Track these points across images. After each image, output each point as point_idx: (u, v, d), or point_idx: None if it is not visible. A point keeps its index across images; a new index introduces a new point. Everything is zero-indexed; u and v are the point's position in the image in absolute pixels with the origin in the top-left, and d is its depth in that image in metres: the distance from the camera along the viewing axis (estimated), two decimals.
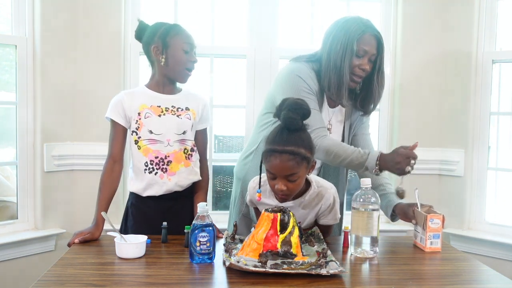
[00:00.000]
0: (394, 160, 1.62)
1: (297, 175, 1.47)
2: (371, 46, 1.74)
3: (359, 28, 1.73)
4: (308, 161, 1.48)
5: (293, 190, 1.51)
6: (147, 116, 1.71)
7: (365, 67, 1.75)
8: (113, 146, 1.75)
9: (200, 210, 1.42)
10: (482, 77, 2.68)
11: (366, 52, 1.74)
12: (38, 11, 2.46)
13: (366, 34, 1.73)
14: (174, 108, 1.75)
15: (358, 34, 1.72)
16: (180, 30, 1.74)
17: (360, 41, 1.72)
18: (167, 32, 1.72)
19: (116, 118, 1.73)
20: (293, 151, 1.43)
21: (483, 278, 1.42)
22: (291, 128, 1.46)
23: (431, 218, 1.60)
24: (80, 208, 2.63)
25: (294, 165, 1.44)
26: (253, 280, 1.27)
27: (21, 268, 2.46)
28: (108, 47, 2.62)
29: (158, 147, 1.71)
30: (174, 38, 1.71)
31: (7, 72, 2.57)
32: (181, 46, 1.71)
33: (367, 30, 1.73)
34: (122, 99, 1.74)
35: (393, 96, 2.82)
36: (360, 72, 1.76)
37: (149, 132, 1.71)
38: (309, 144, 1.49)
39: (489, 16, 2.67)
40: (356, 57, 1.74)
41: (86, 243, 1.61)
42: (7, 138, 2.62)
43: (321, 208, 1.61)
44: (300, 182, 1.51)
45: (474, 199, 2.73)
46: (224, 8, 2.82)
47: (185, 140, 1.76)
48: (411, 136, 2.79)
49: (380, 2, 2.83)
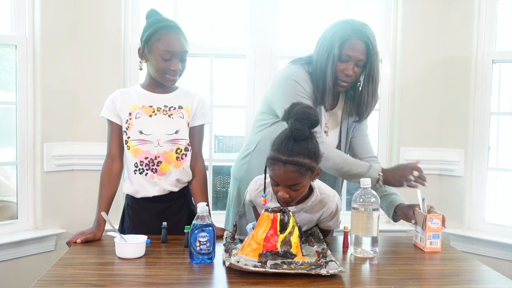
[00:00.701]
0: (398, 169, 1.70)
1: (301, 185, 1.46)
2: (356, 51, 1.71)
3: (345, 32, 1.71)
4: (313, 170, 1.46)
5: (295, 198, 1.50)
6: (138, 116, 1.71)
7: (348, 73, 1.73)
8: (110, 145, 1.75)
9: (200, 210, 1.42)
10: (482, 77, 2.68)
11: (351, 57, 1.72)
12: (38, 11, 2.46)
13: (352, 39, 1.71)
14: (166, 107, 1.74)
15: (343, 38, 1.71)
16: (163, 35, 1.65)
17: (345, 46, 1.71)
18: (150, 37, 1.67)
19: (111, 117, 1.73)
20: (297, 162, 1.40)
21: (483, 278, 1.42)
22: (298, 139, 1.42)
23: (430, 218, 1.60)
24: (80, 208, 2.63)
25: (298, 176, 1.42)
26: (253, 280, 1.27)
27: (21, 268, 2.46)
28: (108, 47, 2.62)
29: (148, 148, 1.70)
30: (155, 44, 1.66)
31: (7, 72, 2.57)
32: (160, 54, 1.65)
33: (354, 35, 1.71)
34: (115, 98, 1.74)
35: (393, 96, 2.82)
36: (344, 77, 1.75)
37: (139, 132, 1.70)
38: (315, 153, 1.45)
39: (489, 16, 2.67)
40: (340, 62, 1.73)
41: (87, 243, 1.61)
42: (7, 138, 2.62)
43: (323, 214, 1.61)
44: (303, 191, 1.50)
45: (474, 199, 2.73)
46: (224, 8, 2.82)
47: (178, 140, 1.73)
48: (411, 136, 2.79)
49: (380, 2, 2.83)
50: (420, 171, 1.68)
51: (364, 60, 1.74)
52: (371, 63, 1.74)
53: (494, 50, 2.69)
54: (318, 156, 1.47)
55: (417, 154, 2.77)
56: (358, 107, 1.85)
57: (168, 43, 1.65)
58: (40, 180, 2.53)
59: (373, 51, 1.73)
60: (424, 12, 2.76)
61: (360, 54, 1.72)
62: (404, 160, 2.76)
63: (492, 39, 2.69)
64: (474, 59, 2.68)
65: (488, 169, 2.73)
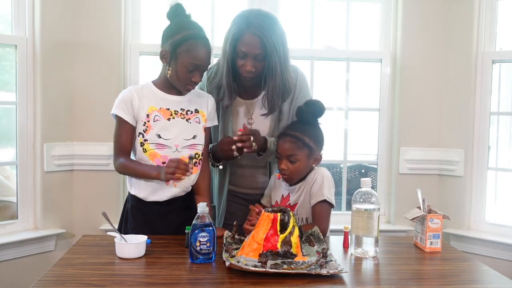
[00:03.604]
0: (219, 143, 1.74)
1: (297, 158, 1.69)
2: (251, 47, 1.69)
3: (238, 28, 1.70)
4: (310, 149, 1.70)
5: (293, 171, 1.71)
6: (156, 119, 1.66)
7: (247, 68, 1.72)
8: (122, 143, 1.67)
9: (200, 210, 1.42)
10: (482, 77, 2.68)
11: (246, 53, 1.70)
12: (38, 11, 2.46)
13: (246, 35, 1.69)
14: (183, 111, 1.71)
15: (236, 35, 1.70)
16: (192, 47, 1.61)
17: (239, 42, 1.70)
18: (180, 44, 1.61)
19: (125, 116, 1.66)
20: (297, 136, 1.69)
21: (483, 278, 1.42)
22: (300, 118, 1.74)
23: (431, 218, 1.60)
24: (80, 208, 2.63)
25: (294, 147, 1.68)
26: (253, 280, 1.27)
27: (21, 268, 2.45)
28: (108, 47, 2.61)
29: (166, 153, 1.66)
30: (183, 53, 1.61)
31: (7, 72, 2.57)
32: (186, 64, 1.61)
33: (247, 30, 1.68)
34: (132, 96, 1.67)
35: (393, 96, 2.82)
36: (246, 72, 1.73)
37: (157, 136, 1.66)
38: (317, 137, 1.74)
39: (489, 16, 2.67)
40: (239, 58, 1.72)
41: (86, 243, 1.62)
42: (7, 138, 2.62)
43: (315, 183, 1.71)
44: (299, 166, 1.71)
45: (474, 199, 2.72)
46: (224, 8, 2.82)
47: (196, 145, 1.71)
48: (411, 136, 2.79)
49: (380, 2, 2.83)
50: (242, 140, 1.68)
51: (261, 54, 1.71)
52: (269, 57, 1.71)
53: (494, 50, 2.69)
54: (320, 142, 1.74)
55: (417, 154, 2.77)
56: (264, 102, 1.83)
57: (196, 57, 1.61)
58: (40, 180, 2.53)
59: (268, 44, 1.68)
60: (424, 12, 2.75)
61: (255, 48, 1.69)
62: (404, 160, 2.76)
63: (492, 39, 2.69)
64: (474, 59, 2.68)
65: (488, 169, 2.73)
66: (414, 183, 2.37)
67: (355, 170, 3.83)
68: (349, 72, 2.84)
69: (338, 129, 2.88)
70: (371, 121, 2.90)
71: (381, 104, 2.84)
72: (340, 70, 2.85)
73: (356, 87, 2.89)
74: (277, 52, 1.71)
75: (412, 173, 2.78)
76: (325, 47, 2.77)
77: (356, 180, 1.87)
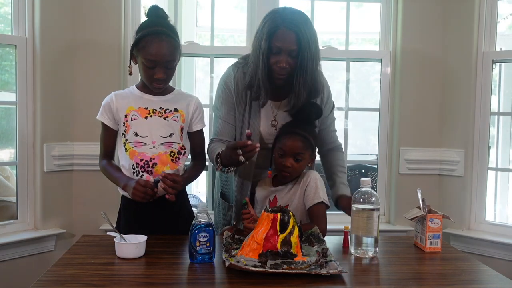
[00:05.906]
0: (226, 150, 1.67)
1: (303, 156, 1.71)
2: (286, 42, 1.66)
3: (273, 23, 1.68)
4: (313, 150, 1.75)
5: (296, 169, 1.71)
6: (133, 118, 1.70)
7: (281, 65, 1.68)
8: (106, 146, 1.78)
9: (200, 210, 1.42)
10: (482, 77, 2.68)
11: (281, 48, 1.67)
12: (38, 11, 2.46)
13: (280, 30, 1.66)
14: (162, 109, 1.72)
15: (271, 30, 1.67)
16: (148, 43, 1.62)
17: (273, 38, 1.67)
18: (137, 42, 1.65)
19: (104, 120, 1.74)
20: (305, 135, 1.72)
21: (483, 278, 1.42)
22: (304, 118, 1.76)
23: (431, 218, 1.60)
24: (80, 208, 2.63)
25: (302, 147, 1.70)
26: (253, 280, 1.27)
27: (21, 268, 2.46)
28: (107, 47, 2.61)
29: (144, 150, 1.69)
30: (140, 50, 1.64)
31: (7, 72, 2.57)
32: (144, 61, 1.63)
33: (282, 25, 1.66)
34: (111, 101, 1.73)
35: (393, 96, 2.82)
36: (279, 69, 1.70)
37: (134, 134, 1.69)
38: (316, 139, 1.78)
39: (489, 16, 2.67)
40: (273, 55, 1.69)
41: (86, 244, 1.61)
42: (7, 138, 2.62)
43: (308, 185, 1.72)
44: (303, 165, 1.73)
45: (474, 199, 2.72)
46: (224, 8, 2.82)
47: (172, 143, 1.72)
48: (411, 136, 2.79)
49: (380, 2, 2.83)
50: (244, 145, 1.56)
51: (295, 50, 1.68)
52: (303, 52, 1.68)
53: (494, 50, 2.69)
54: (316, 142, 1.79)
55: (417, 154, 2.77)
56: (291, 97, 1.80)
57: (151, 52, 1.61)
58: (40, 180, 2.53)
59: (303, 39, 1.66)
60: (424, 12, 2.75)
61: (291, 44, 1.67)
62: (404, 160, 2.76)
63: (492, 39, 2.69)
64: (474, 59, 2.68)
65: (488, 169, 2.73)
66: (414, 183, 2.37)
67: (355, 170, 3.83)
68: (349, 72, 2.84)
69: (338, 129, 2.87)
70: (371, 121, 2.90)
71: (381, 104, 2.84)
72: (340, 70, 2.85)
73: (356, 87, 2.89)
74: (310, 49, 1.69)
75: (412, 173, 2.78)
76: (325, 47, 2.76)
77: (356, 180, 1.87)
